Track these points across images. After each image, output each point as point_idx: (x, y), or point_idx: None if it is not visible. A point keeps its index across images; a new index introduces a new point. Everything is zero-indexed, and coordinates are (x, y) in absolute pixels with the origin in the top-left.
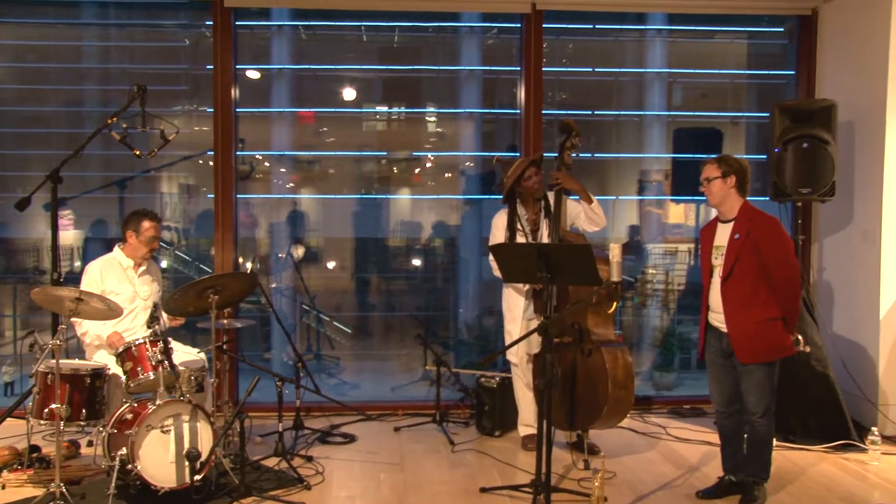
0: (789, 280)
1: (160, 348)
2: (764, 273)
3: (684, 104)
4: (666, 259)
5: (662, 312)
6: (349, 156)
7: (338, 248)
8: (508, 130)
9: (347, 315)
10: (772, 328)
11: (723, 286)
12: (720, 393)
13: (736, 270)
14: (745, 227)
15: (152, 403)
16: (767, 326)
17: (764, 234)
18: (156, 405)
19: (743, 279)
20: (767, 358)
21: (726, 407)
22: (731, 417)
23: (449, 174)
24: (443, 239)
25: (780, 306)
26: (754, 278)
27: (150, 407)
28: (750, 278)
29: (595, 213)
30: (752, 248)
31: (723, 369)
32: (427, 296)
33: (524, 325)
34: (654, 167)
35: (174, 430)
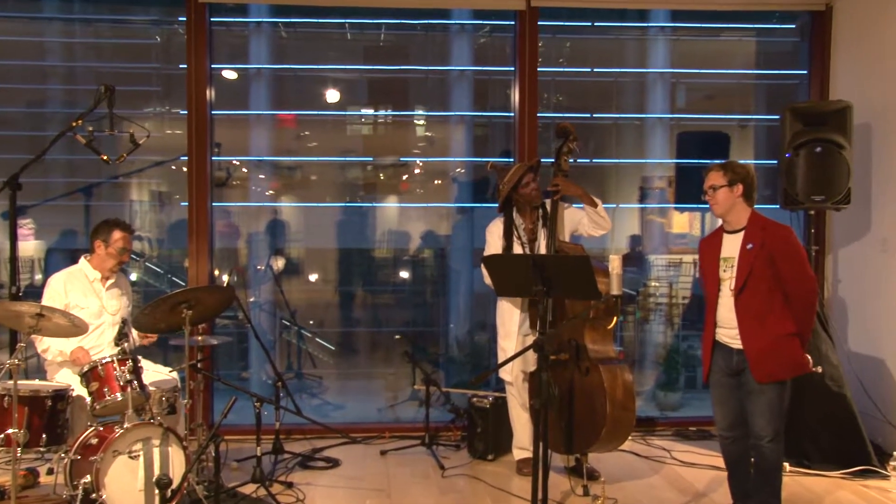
0: (807, 294)
1: (129, 367)
2: (778, 285)
3: (689, 106)
4: (669, 271)
5: (666, 328)
6: (332, 161)
7: (320, 260)
8: (502, 135)
9: (331, 331)
10: (788, 344)
11: (736, 300)
12: (724, 416)
13: (750, 283)
14: (759, 237)
15: (120, 427)
16: (784, 342)
17: (779, 245)
18: (124, 429)
19: (757, 292)
20: (784, 375)
21: (730, 431)
22: (737, 442)
23: (439, 181)
24: (432, 250)
25: (794, 321)
26: (769, 291)
27: (117, 431)
28: (764, 291)
29: (600, 215)
30: (766, 259)
31: (728, 390)
32: (415, 310)
33: (519, 341)
34: (656, 173)
35: (143, 456)
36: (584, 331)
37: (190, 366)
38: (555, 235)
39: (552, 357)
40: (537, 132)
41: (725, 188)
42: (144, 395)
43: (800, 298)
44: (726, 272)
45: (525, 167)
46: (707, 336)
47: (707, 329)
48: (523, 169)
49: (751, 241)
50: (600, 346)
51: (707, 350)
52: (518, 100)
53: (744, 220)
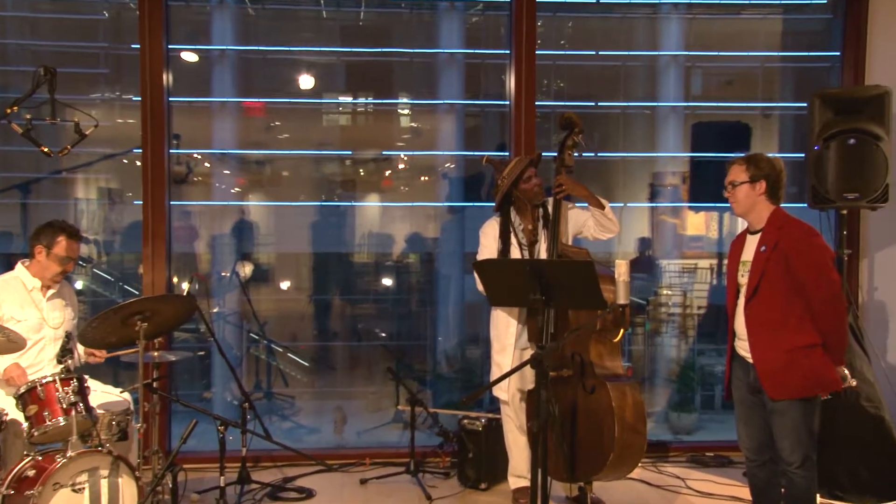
0: (828, 300)
1: (73, 388)
2: (796, 291)
3: (705, 93)
4: (683, 277)
5: (680, 341)
6: (306, 155)
7: (293, 266)
8: (496, 126)
9: (304, 345)
10: (806, 358)
11: (746, 308)
12: (749, 437)
13: (762, 288)
14: (773, 238)
15: (62, 456)
16: (800, 356)
17: (793, 245)
18: (66, 458)
19: (769, 299)
20: (801, 393)
21: (757, 454)
22: (764, 467)
23: (426, 177)
24: (418, 254)
25: (818, 331)
26: (784, 298)
27: (58, 460)
28: (778, 298)
29: (608, 217)
30: (780, 262)
31: (752, 409)
32: (400, 322)
33: (516, 355)
34: (668, 168)
35: (89, 489)
36: (588, 344)
37: (144, 385)
38: (557, 238)
39: (553, 373)
40: (535, 123)
41: (746, 185)
42: (91, 418)
43: (822, 304)
44: (743, 277)
45: (526, 161)
46: (728, 348)
47: (729, 340)
48: (524, 163)
49: (765, 242)
50: (607, 362)
51: (728, 364)
52: (514, 87)
53: (765, 219)
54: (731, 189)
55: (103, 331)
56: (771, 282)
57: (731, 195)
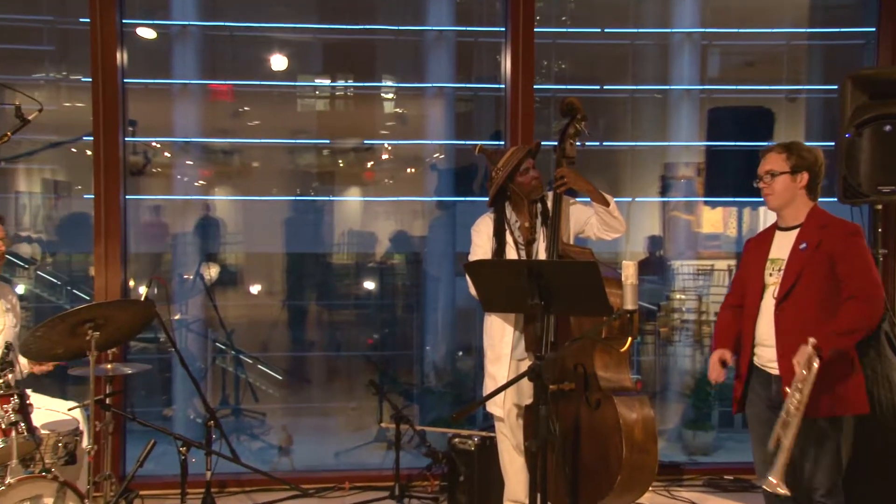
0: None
1: (14, 405)
2: (833, 298)
3: (723, 75)
4: (698, 280)
5: (695, 351)
6: (280, 144)
7: (264, 267)
8: (490, 111)
9: (277, 356)
10: (837, 372)
11: (777, 309)
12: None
13: (798, 289)
14: (816, 236)
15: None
16: (835, 368)
17: (841, 246)
18: (5, 485)
19: (804, 302)
20: (830, 411)
21: None
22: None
23: (412, 169)
24: (404, 254)
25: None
26: (819, 303)
27: None
28: (814, 302)
29: (613, 216)
30: (823, 263)
31: (770, 427)
32: (384, 329)
33: (512, 367)
34: (682, 159)
35: None
36: (592, 354)
37: (96, 402)
38: (557, 236)
39: (553, 387)
40: (534, 109)
41: (787, 176)
42: (34, 440)
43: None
44: (772, 276)
45: (523, 151)
46: (743, 357)
47: (744, 348)
48: (522, 153)
49: (805, 239)
50: (613, 374)
51: (742, 374)
52: (510, 68)
53: (802, 215)
54: (768, 179)
55: (49, 341)
56: (808, 284)
57: (766, 186)
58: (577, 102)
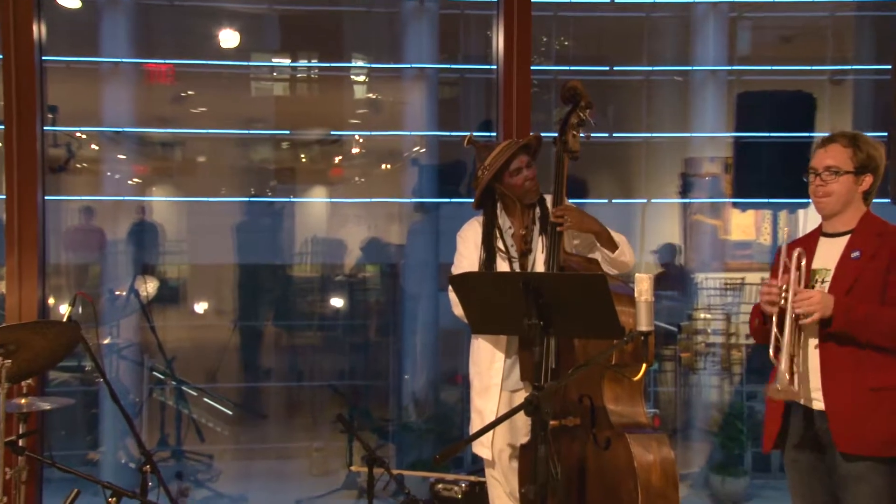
0: None
1: None
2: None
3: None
4: (727, 296)
5: (722, 381)
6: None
7: (212, 282)
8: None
9: (227, 387)
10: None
11: (821, 337)
12: None
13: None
14: (872, 244)
15: None
16: (889, 398)
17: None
18: None
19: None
20: (888, 449)
21: None
22: None
23: (387, 165)
24: (378, 266)
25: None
26: None
27: None
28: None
29: (619, 260)
30: (878, 276)
31: (813, 474)
32: (354, 355)
33: (504, 399)
34: (706, 153)
35: None
36: (601, 384)
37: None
38: (559, 245)
39: (554, 423)
40: (531, 94)
41: (850, 176)
42: None
43: None
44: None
45: (516, 145)
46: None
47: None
48: (513, 148)
49: (859, 247)
50: (625, 408)
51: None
52: (503, 46)
53: (854, 220)
54: (826, 176)
55: None
56: (860, 299)
57: (821, 186)
58: (581, 87)
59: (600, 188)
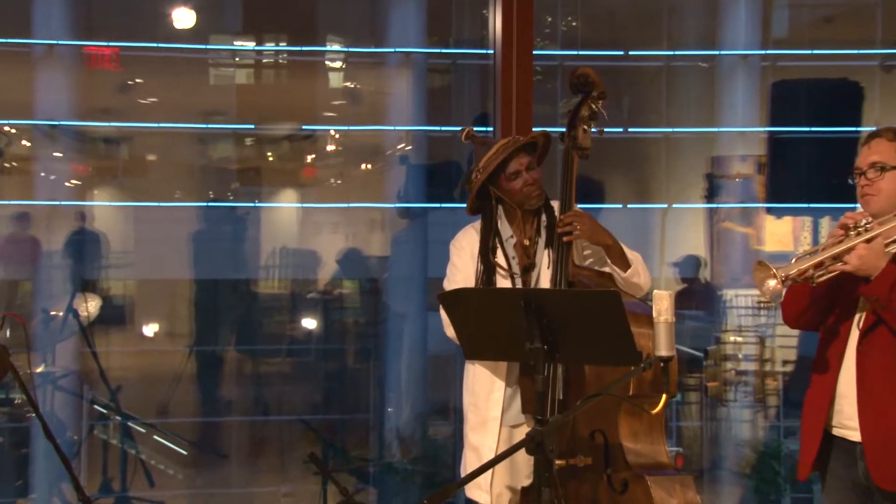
0: None
1: None
2: None
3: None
4: (760, 316)
5: (756, 414)
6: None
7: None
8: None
9: (181, 422)
10: None
11: (859, 346)
12: None
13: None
14: None
15: None
16: None
17: None
18: None
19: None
20: None
21: None
22: None
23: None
24: (357, 281)
25: None
26: None
27: None
28: None
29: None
30: None
31: None
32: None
33: (504, 435)
34: (736, 150)
35: None
36: (616, 418)
37: None
38: (567, 256)
39: (561, 462)
40: (533, 82)
41: None
42: None
43: None
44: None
45: (514, 145)
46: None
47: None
48: (511, 148)
49: None
50: (644, 445)
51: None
52: (501, 28)
53: None
54: (872, 175)
55: None
56: None
57: (869, 184)
58: (593, 74)
59: (613, 192)
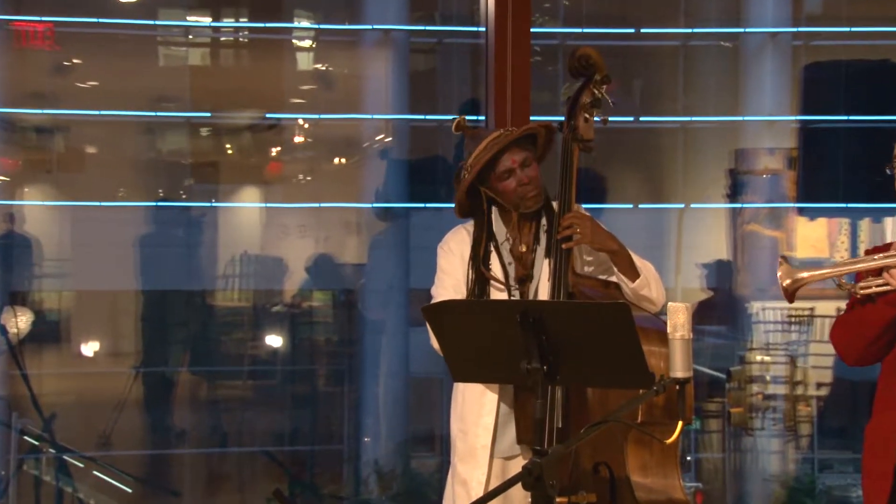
0: None
1: None
2: None
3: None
4: (791, 332)
5: (786, 444)
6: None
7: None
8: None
9: (126, 455)
10: None
11: None
12: None
13: None
14: None
15: None
16: None
17: None
18: None
19: None
20: None
21: None
22: None
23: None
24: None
25: None
26: None
27: None
28: None
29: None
30: None
31: None
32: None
33: (497, 468)
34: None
35: None
36: (623, 449)
37: None
38: (567, 264)
39: (561, 499)
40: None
41: None
42: None
43: None
44: None
45: (506, 139)
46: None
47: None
48: (501, 143)
49: None
50: (656, 479)
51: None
52: (494, 2)
53: None
54: None
55: None
56: None
57: None
58: (595, 55)
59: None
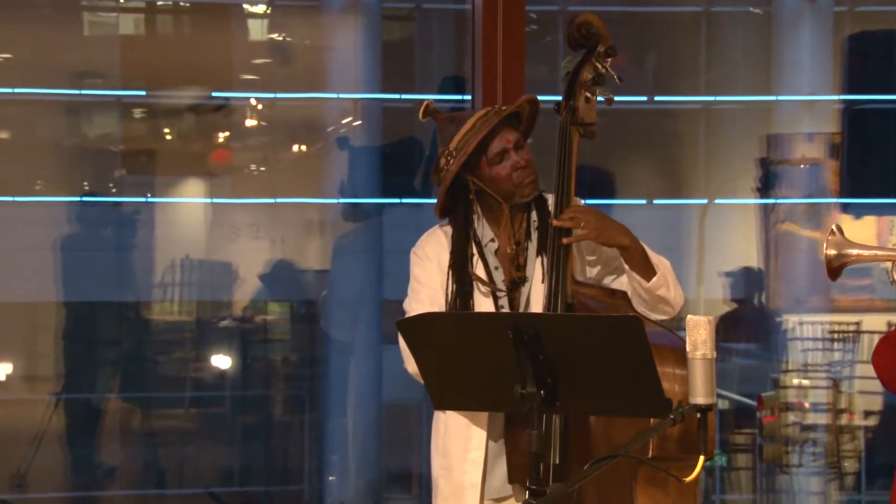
0: None
1: None
2: None
3: None
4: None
5: (828, 484)
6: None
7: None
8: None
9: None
10: None
11: None
12: None
13: None
14: None
15: None
16: None
17: None
18: None
19: None
20: None
21: None
22: None
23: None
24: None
25: None
26: None
27: None
28: None
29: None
30: None
31: None
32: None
33: None
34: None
35: None
36: (632, 489)
37: None
38: (565, 268)
39: None
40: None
41: None
42: None
43: None
44: None
45: (497, 116)
46: None
47: None
48: (493, 121)
49: None
50: None
51: None
52: None
53: None
54: None
55: None
56: None
57: None
58: (596, 22)
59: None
